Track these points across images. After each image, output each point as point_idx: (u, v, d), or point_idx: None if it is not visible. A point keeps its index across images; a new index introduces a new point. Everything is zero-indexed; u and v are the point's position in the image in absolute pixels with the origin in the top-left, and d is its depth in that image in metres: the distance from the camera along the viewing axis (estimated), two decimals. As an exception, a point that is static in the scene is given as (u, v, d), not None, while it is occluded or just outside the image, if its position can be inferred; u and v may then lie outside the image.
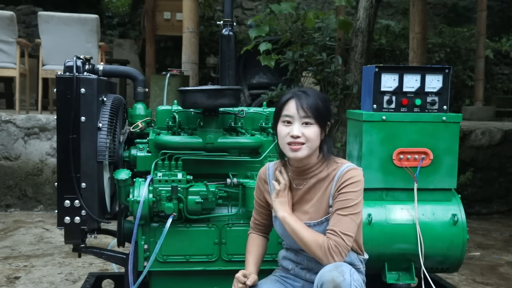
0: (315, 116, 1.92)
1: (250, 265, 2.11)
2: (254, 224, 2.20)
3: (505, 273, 3.82)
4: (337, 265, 1.83)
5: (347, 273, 1.79)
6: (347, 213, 1.90)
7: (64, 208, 2.35)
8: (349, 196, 1.91)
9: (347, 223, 1.89)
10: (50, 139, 5.29)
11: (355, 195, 1.92)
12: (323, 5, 11.26)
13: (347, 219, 1.89)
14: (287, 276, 2.10)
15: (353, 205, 1.91)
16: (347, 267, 1.82)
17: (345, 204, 1.90)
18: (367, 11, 5.05)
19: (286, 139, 1.94)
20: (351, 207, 1.91)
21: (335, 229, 1.88)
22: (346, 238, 1.88)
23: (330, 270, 1.81)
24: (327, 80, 4.98)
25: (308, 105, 1.92)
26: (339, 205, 1.91)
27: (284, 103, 1.96)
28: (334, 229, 1.88)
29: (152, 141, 2.49)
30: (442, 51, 9.67)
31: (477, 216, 5.60)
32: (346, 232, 1.88)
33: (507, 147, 5.85)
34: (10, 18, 5.73)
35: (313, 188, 2.01)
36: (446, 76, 2.57)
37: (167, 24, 8.91)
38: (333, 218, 1.91)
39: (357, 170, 1.97)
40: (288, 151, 1.95)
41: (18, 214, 5.19)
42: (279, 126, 1.97)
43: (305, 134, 1.92)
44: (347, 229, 1.88)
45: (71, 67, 2.36)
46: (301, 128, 1.92)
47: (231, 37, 2.95)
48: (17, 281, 3.36)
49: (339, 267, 1.81)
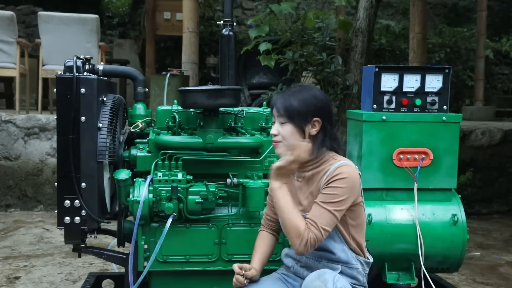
0: (288, 116, 2.01)
1: (255, 261, 2.12)
2: (265, 220, 2.23)
3: (505, 273, 3.82)
4: (320, 273, 1.86)
5: (330, 282, 1.81)
6: (331, 208, 1.91)
7: (64, 208, 2.35)
8: (335, 191, 1.92)
9: (329, 218, 1.91)
10: (50, 139, 5.29)
11: (342, 191, 1.92)
12: (323, 5, 11.26)
13: (329, 214, 1.91)
14: (288, 275, 2.12)
15: (338, 201, 1.92)
16: (330, 275, 1.84)
17: (331, 198, 1.92)
18: (367, 11, 5.05)
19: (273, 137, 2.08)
20: (336, 203, 1.92)
21: (317, 222, 1.90)
22: (325, 233, 1.90)
23: (312, 280, 1.84)
24: (327, 80, 4.98)
25: (282, 105, 2.02)
26: (324, 198, 1.93)
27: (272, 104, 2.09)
28: (316, 222, 1.90)
29: (152, 141, 2.49)
30: (442, 51, 9.67)
31: (477, 216, 5.60)
32: (325, 228, 1.90)
33: (507, 147, 5.85)
34: (10, 18, 5.73)
35: (309, 181, 2.05)
36: (446, 76, 2.57)
37: (167, 24, 8.91)
38: (316, 209, 1.93)
39: (349, 167, 1.98)
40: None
41: (18, 214, 5.19)
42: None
43: (280, 132, 2.02)
44: (327, 224, 1.91)
45: (71, 67, 2.36)
46: (278, 127, 2.03)
47: (231, 37, 2.95)
48: (17, 281, 3.36)
49: (322, 276, 1.84)
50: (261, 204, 2.40)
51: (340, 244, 2.00)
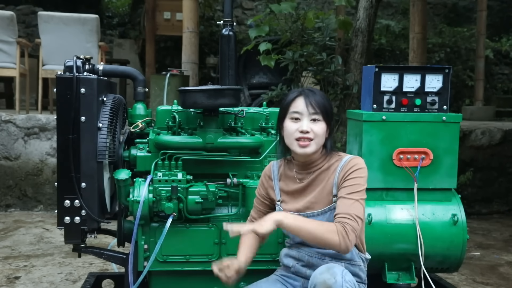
0: (323, 113, 1.97)
1: (240, 254, 2.03)
2: (250, 222, 2.15)
3: (505, 273, 3.82)
4: (329, 266, 1.84)
5: (339, 274, 1.79)
6: (358, 197, 1.91)
7: (64, 208, 2.35)
8: (357, 181, 1.93)
9: (359, 207, 1.90)
10: (50, 139, 5.29)
11: (362, 180, 1.94)
12: (323, 5, 11.26)
13: (359, 203, 1.90)
14: (288, 275, 2.10)
15: (361, 190, 1.93)
16: (339, 269, 1.82)
17: (355, 189, 1.92)
18: (367, 11, 5.06)
19: (295, 134, 1.97)
20: (360, 192, 1.92)
21: (349, 212, 1.86)
22: (360, 222, 1.88)
23: (321, 272, 1.82)
24: (327, 80, 4.98)
25: (316, 102, 1.97)
26: (349, 190, 1.91)
27: (291, 100, 2.01)
28: (348, 212, 1.86)
29: (152, 141, 2.49)
30: (442, 51, 9.67)
31: (477, 216, 5.59)
32: (359, 216, 1.88)
33: (507, 147, 5.85)
34: (10, 18, 5.73)
35: (315, 180, 2.03)
36: (446, 76, 2.57)
37: (167, 24, 8.91)
38: (344, 203, 1.89)
39: (359, 158, 2.01)
40: (297, 147, 1.98)
41: (18, 214, 5.19)
42: (287, 123, 2.00)
43: (313, 130, 1.96)
44: (359, 212, 1.89)
45: (71, 67, 2.36)
46: (310, 124, 1.96)
47: (231, 37, 2.95)
48: (17, 281, 3.36)
49: (331, 269, 1.82)
50: (261, 204, 2.40)
51: None
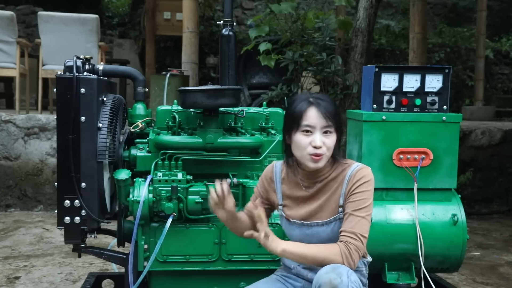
0: (335, 124, 1.90)
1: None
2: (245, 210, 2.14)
3: (505, 273, 3.82)
4: (334, 266, 1.82)
5: (345, 274, 1.78)
6: (364, 214, 1.89)
7: (64, 208, 2.35)
8: (363, 196, 1.91)
9: (364, 225, 1.88)
10: (50, 139, 5.29)
11: (369, 194, 1.92)
12: (323, 5, 11.25)
13: (364, 220, 1.89)
14: (289, 276, 2.10)
15: (368, 205, 1.91)
16: (344, 269, 1.81)
17: (361, 204, 1.89)
18: (367, 11, 5.05)
19: (308, 150, 1.89)
20: (366, 208, 1.90)
21: (354, 231, 1.86)
22: (364, 240, 1.87)
23: (327, 272, 1.80)
24: (327, 80, 4.98)
25: (329, 113, 1.88)
26: (355, 206, 1.89)
27: (303, 111, 1.90)
28: (353, 231, 1.86)
29: (152, 141, 2.49)
30: (442, 51, 9.67)
31: (477, 216, 5.59)
32: (364, 234, 1.87)
33: (507, 147, 5.85)
34: (10, 18, 5.73)
35: (322, 189, 2.00)
36: (446, 76, 2.57)
37: (167, 24, 8.91)
38: (349, 220, 1.88)
39: (367, 169, 1.97)
40: (309, 161, 1.90)
41: (18, 214, 5.19)
42: (298, 136, 1.90)
43: (326, 143, 1.89)
44: (364, 231, 1.88)
45: (71, 67, 2.36)
46: (322, 137, 1.89)
47: (231, 37, 2.95)
48: (17, 281, 3.36)
49: (337, 269, 1.80)
50: (261, 204, 2.39)
51: None
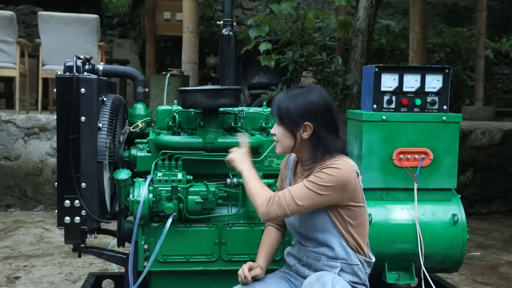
0: (279, 118, 2.03)
1: (260, 258, 2.14)
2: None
3: (505, 273, 3.82)
4: (318, 276, 1.86)
5: (329, 284, 1.81)
6: (311, 186, 1.90)
7: (64, 208, 2.35)
8: (322, 175, 1.91)
9: (306, 193, 1.91)
10: (50, 139, 5.29)
11: (328, 178, 1.90)
12: (323, 5, 11.26)
13: (307, 190, 1.91)
14: (291, 274, 2.13)
15: (321, 185, 1.90)
16: (329, 277, 1.84)
17: (315, 180, 1.91)
18: (367, 11, 5.05)
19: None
20: (318, 185, 1.90)
21: (290, 190, 1.95)
22: (292, 201, 1.90)
23: (311, 282, 1.84)
24: (327, 80, 4.98)
25: (275, 107, 2.04)
26: (310, 179, 1.93)
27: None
28: (289, 190, 1.95)
29: (152, 141, 2.49)
30: (442, 51, 9.67)
31: (477, 216, 5.60)
32: (296, 198, 1.90)
33: (507, 147, 5.85)
34: (10, 18, 5.73)
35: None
36: (446, 76, 2.57)
37: (167, 24, 8.91)
38: (297, 183, 1.98)
39: (345, 162, 1.95)
40: None
41: (18, 214, 5.19)
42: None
43: (276, 133, 2.06)
44: (300, 196, 1.91)
45: (71, 67, 2.36)
46: (276, 127, 2.07)
47: (231, 37, 2.95)
48: (17, 281, 3.36)
49: (321, 278, 1.84)
50: (261, 204, 2.39)
51: (339, 239, 1.98)
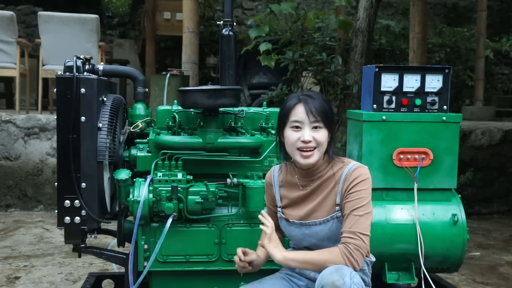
0: (324, 120, 1.93)
1: (260, 249, 2.07)
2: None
3: (505, 273, 3.82)
4: (337, 267, 1.82)
5: (347, 276, 1.78)
6: (362, 212, 1.89)
7: (64, 208, 2.35)
8: (360, 194, 1.91)
9: (363, 223, 1.89)
10: (50, 139, 5.29)
11: (366, 193, 1.92)
12: (323, 5, 11.26)
13: (363, 219, 1.89)
14: (292, 275, 2.11)
15: (366, 204, 1.91)
16: (347, 270, 1.81)
17: (359, 203, 1.90)
18: (367, 11, 5.05)
19: (297, 144, 1.94)
20: (364, 206, 1.90)
21: (354, 230, 1.87)
22: (365, 238, 1.88)
23: (330, 273, 1.81)
24: (327, 80, 4.98)
25: (316, 109, 1.92)
26: (353, 205, 1.90)
27: (291, 108, 1.96)
28: (352, 231, 1.87)
29: (152, 141, 2.49)
30: (442, 51, 9.66)
31: (477, 216, 5.60)
32: (364, 232, 1.88)
33: (507, 147, 5.85)
34: (10, 18, 5.73)
35: (319, 188, 2.01)
36: (446, 76, 2.57)
37: (167, 24, 8.91)
38: (348, 220, 1.90)
39: (363, 168, 1.98)
40: (299, 158, 1.95)
41: (18, 214, 5.19)
42: (288, 132, 1.96)
43: (316, 138, 1.93)
44: (364, 229, 1.88)
45: (71, 67, 2.36)
46: (311, 132, 1.93)
47: (231, 37, 2.95)
48: (17, 281, 3.36)
49: (340, 270, 1.80)
50: (261, 204, 2.40)
51: None
